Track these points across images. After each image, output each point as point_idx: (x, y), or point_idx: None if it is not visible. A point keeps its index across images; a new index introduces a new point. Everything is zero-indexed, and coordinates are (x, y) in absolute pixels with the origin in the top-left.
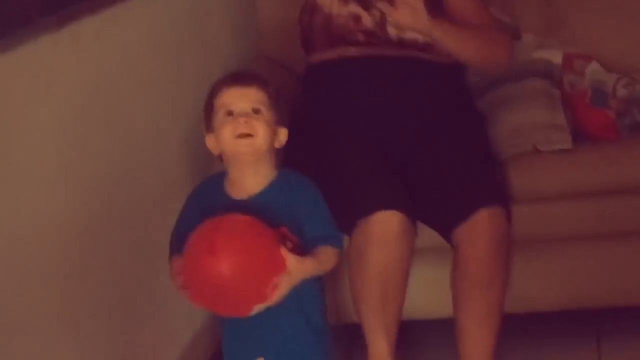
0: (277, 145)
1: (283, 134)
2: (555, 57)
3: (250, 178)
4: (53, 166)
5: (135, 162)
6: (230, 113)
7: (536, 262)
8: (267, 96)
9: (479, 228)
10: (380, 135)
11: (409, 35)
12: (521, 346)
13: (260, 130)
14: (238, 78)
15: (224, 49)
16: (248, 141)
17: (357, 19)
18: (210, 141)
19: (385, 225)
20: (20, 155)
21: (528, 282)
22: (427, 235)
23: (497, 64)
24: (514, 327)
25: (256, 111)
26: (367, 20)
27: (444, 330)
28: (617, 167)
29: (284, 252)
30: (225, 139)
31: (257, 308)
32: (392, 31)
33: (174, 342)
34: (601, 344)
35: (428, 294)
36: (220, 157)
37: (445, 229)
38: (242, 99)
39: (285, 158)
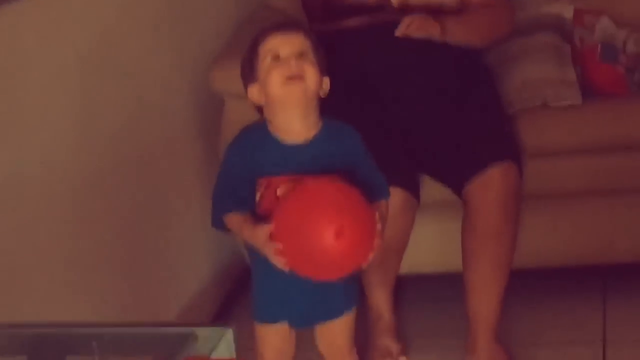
0: (322, 94)
1: (326, 83)
2: (567, 11)
3: (300, 124)
4: (60, 114)
5: (141, 110)
6: (277, 57)
7: (542, 218)
8: (312, 43)
9: (491, 183)
10: (387, 100)
11: (413, 1)
12: (527, 301)
13: (310, 73)
14: (281, 25)
15: None
16: (299, 84)
17: None
18: (253, 92)
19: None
20: (27, 103)
21: (534, 237)
22: (436, 190)
23: (499, 40)
24: (521, 282)
25: (304, 54)
26: None
27: (452, 284)
28: (626, 123)
29: (378, 217)
30: (275, 83)
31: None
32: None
33: (180, 295)
34: (606, 299)
35: (436, 248)
36: (260, 110)
37: (457, 184)
38: (289, 44)
39: None
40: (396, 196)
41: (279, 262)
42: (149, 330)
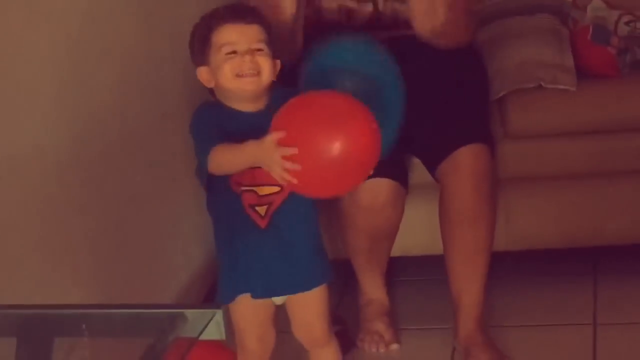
0: (274, 77)
1: (277, 65)
2: None
3: (252, 105)
4: (50, 96)
5: (132, 90)
6: (233, 52)
7: (534, 199)
8: (266, 32)
9: (461, 164)
10: None
11: (403, 14)
12: (518, 283)
13: (265, 67)
14: (238, 14)
15: None
16: (254, 79)
17: (349, 13)
18: (203, 74)
19: (373, 194)
20: (16, 85)
21: (526, 219)
22: (425, 173)
23: (451, 37)
24: (511, 264)
25: (259, 49)
26: (360, 14)
27: (441, 266)
28: (617, 105)
29: None
30: (228, 76)
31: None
32: (386, 13)
33: (170, 278)
34: (597, 281)
35: (425, 231)
36: (211, 90)
37: (430, 167)
38: (244, 37)
39: None
40: (385, 186)
41: (288, 173)
42: (138, 312)
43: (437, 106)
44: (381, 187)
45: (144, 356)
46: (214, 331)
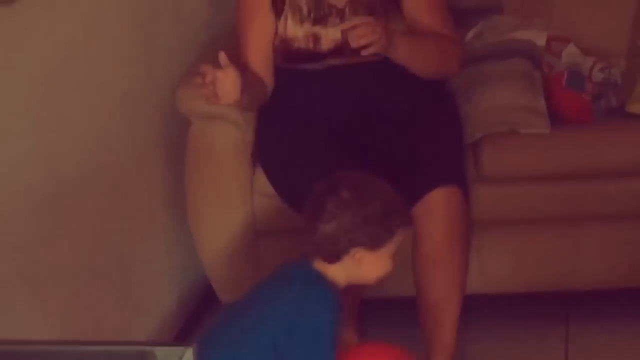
0: None
1: None
2: (539, 38)
3: None
4: (23, 129)
5: (106, 127)
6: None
7: (507, 243)
8: None
9: (434, 207)
10: (341, 125)
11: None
12: (490, 327)
13: None
14: (409, 218)
15: (198, 18)
16: None
17: (316, 38)
18: (362, 258)
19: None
20: None
21: (498, 262)
22: None
23: (441, 75)
24: (484, 307)
25: None
26: (328, 38)
27: (410, 308)
28: (591, 151)
29: None
30: (381, 275)
31: None
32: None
33: (141, 316)
34: (569, 326)
35: (399, 271)
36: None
37: None
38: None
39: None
40: None
41: None
42: (108, 349)
43: (411, 148)
44: None
45: None
46: None
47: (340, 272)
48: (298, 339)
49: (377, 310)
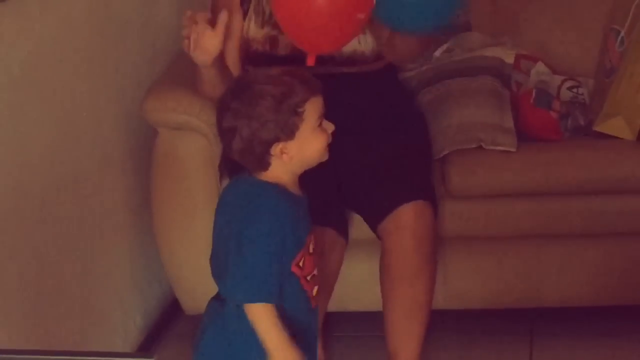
0: None
1: None
2: (508, 56)
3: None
4: None
5: (72, 136)
6: (320, 121)
7: (472, 259)
8: None
9: (402, 222)
10: None
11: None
12: (454, 342)
13: None
14: (316, 85)
15: (169, 27)
16: None
17: (274, 41)
18: (287, 152)
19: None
20: None
21: (463, 278)
22: (365, 229)
23: (410, 60)
24: (448, 323)
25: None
26: (284, 43)
27: (375, 322)
28: (558, 168)
29: None
30: (321, 149)
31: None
32: None
33: (104, 326)
34: (533, 343)
35: (362, 286)
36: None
37: (372, 223)
38: (322, 108)
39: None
40: (325, 235)
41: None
42: (69, 359)
43: (380, 163)
44: (323, 235)
45: None
46: None
47: (279, 172)
48: (239, 244)
49: (340, 324)
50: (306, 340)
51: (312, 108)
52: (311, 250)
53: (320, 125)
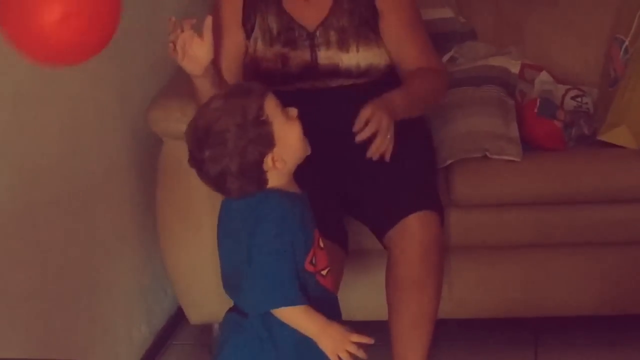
0: None
1: None
2: (514, 66)
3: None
4: None
5: (77, 147)
6: (285, 114)
7: (477, 268)
8: None
9: (409, 232)
10: (318, 153)
11: (344, 64)
12: (459, 352)
13: None
14: (258, 87)
15: None
16: None
17: (285, 59)
18: (278, 160)
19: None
20: None
21: (467, 288)
22: (369, 238)
23: (436, 106)
24: (453, 332)
25: None
26: (296, 60)
27: (381, 332)
28: (562, 178)
29: None
30: (299, 135)
31: None
32: (324, 63)
33: (108, 336)
34: (538, 352)
35: (368, 295)
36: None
37: (379, 233)
38: (276, 100)
39: None
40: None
41: None
42: None
43: (386, 173)
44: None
45: None
46: None
47: (276, 180)
48: (250, 255)
49: None
50: None
51: (270, 107)
52: (322, 245)
53: (286, 115)
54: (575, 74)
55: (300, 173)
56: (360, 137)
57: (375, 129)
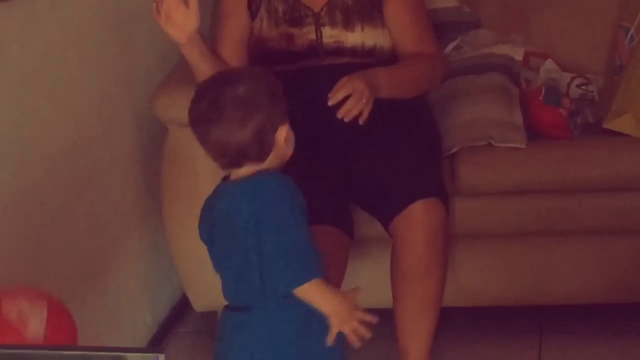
0: None
1: None
2: (517, 54)
3: None
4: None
5: (83, 134)
6: None
7: (481, 256)
8: None
9: (415, 219)
10: (320, 135)
11: (349, 43)
12: (464, 340)
13: None
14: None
15: None
16: None
17: (289, 38)
18: (289, 139)
19: (317, 239)
20: None
21: (473, 276)
22: (374, 225)
23: (426, 91)
24: (458, 320)
25: None
26: (301, 39)
27: (385, 319)
28: (567, 166)
29: None
30: (291, 140)
31: None
32: (328, 42)
33: (114, 321)
34: (543, 340)
35: (372, 283)
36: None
37: (384, 220)
38: None
39: None
40: (331, 234)
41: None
42: (78, 353)
43: (391, 160)
44: (328, 235)
45: None
46: None
47: (271, 162)
48: (266, 233)
49: None
50: None
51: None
52: None
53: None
54: (581, 62)
55: (305, 158)
56: (332, 101)
57: (348, 92)
